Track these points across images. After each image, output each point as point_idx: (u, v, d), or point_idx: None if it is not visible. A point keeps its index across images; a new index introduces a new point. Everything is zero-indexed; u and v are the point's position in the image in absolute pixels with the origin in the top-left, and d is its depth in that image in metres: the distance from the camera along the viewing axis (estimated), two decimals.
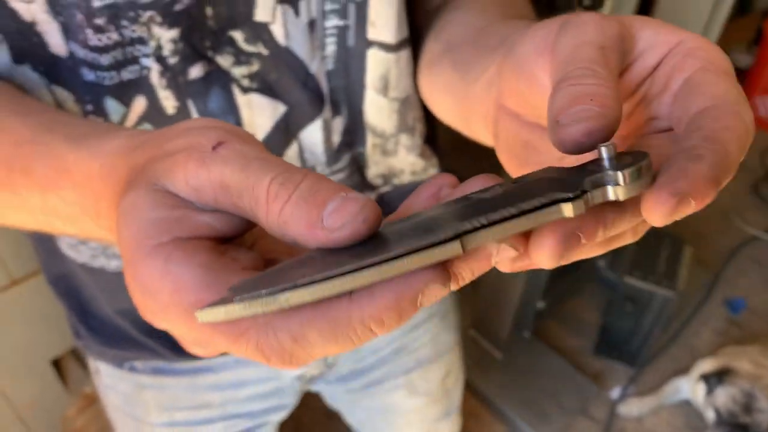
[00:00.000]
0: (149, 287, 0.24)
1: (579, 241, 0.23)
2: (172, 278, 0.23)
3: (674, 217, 0.22)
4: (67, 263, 0.57)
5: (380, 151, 0.54)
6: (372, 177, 0.56)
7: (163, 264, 0.23)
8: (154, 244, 0.24)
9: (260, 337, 0.23)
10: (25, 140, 0.33)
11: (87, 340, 0.63)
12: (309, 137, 0.49)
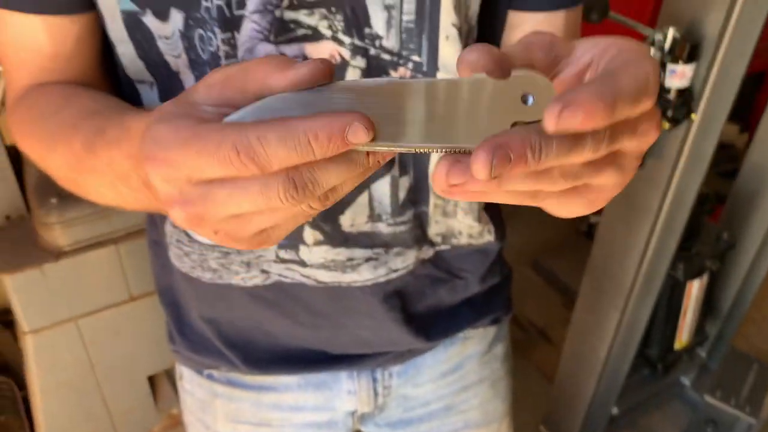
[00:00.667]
0: (157, 136, 0.32)
1: (508, 156, 0.28)
2: (176, 127, 0.31)
3: (564, 127, 0.27)
4: (173, 273, 0.69)
5: (441, 212, 0.63)
6: (432, 235, 0.64)
7: (174, 115, 0.32)
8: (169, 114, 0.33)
9: (239, 140, 0.29)
10: (101, 112, 0.46)
11: (179, 345, 0.74)
12: (378, 190, 0.59)
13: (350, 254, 0.62)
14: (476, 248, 0.70)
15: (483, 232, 0.68)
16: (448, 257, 0.67)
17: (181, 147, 0.30)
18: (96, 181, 0.46)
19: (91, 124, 0.46)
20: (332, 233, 0.60)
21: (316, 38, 0.52)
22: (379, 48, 0.53)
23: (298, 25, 0.51)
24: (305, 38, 0.52)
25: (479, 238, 0.68)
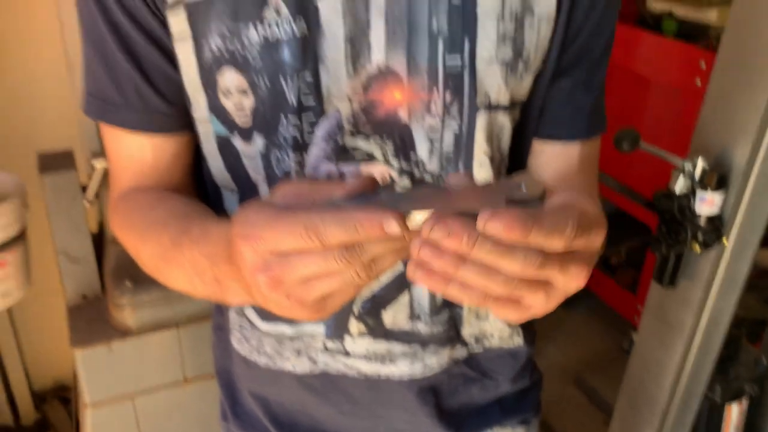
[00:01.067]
0: (248, 218, 0.42)
1: (447, 229, 0.38)
2: (262, 211, 0.42)
3: (489, 229, 0.37)
4: (232, 356, 0.77)
5: (474, 315, 0.70)
6: (466, 335, 0.72)
7: (260, 207, 0.43)
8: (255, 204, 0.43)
9: (308, 222, 0.39)
10: (188, 215, 0.57)
11: (231, 422, 0.82)
12: (418, 291, 0.67)
13: (389, 348, 0.69)
14: (507, 351, 0.76)
15: (513, 335, 0.75)
16: (481, 358, 0.74)
17: (265, 226, 0.41)
18: (176, 272, 0.57)
19: (178, 224, 0.57)
20: (375, 327, 0.68)
21: (369, 161, 0.62)
22: (423, 171, 0.63)
23: (356, 149, 0.62)
24: (360, 161, 0.62)
25: (509, 341, 0.75)
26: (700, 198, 1.09)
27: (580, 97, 0.68)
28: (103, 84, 0.62)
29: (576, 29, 0.64)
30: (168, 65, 0.61)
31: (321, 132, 0.61)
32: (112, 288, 1.31)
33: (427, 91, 0.61)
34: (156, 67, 0.61)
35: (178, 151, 0.66)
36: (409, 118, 0.61)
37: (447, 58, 0.60)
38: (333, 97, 0.59)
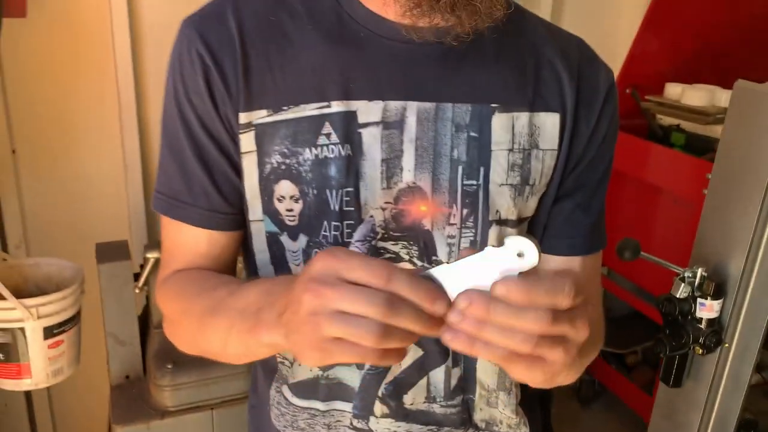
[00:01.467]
0: (311, 266, 0.50)
1: (470, 298, 0.48)
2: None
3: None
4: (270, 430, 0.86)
5: (485, 401, 0.79)
6: (477, 420, 0.81)
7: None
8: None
9: (390, 267, 0.48)
10: (229, 284, 0.68)
11: None
12: (435, 376, 0.77)
13: (409, 428, 0.79)
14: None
15: (520, 424, 0.84)
16: None
17: (351, 253, 0.50)
18: (214, 328, 0.66)
19: (220, 293, 0.68)
20: (396, 408, 0.78)
21: (397, 261, 0.74)
22: None
23: (386, 251, 0.74)
24: (390, 260, 0.74)
25: (516, 429, 0.83)
26: (700, 304, 1.18)
27: (580, 219, 0.79)
28: (175, 185, 0.74)
29: (575, 161, 0.76)
30: (234, 175, 0.73)
31: (358, 235, 0.73)
32: (154, 369, 1.41)
33: (447, 205, 0.73)
34: (224, 175, 0.73)
35: (228, 244, 0.78)
36: (432, 226, 0.73)
37: (465, 180, 0.72)
38: (369, 207, 0.72)
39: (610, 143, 0.79)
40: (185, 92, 0.71)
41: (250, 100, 0.70)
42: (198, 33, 0.71)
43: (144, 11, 1.78)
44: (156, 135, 1.89)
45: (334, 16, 0.72)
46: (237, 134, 0.71)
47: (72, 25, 1.72)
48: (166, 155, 0.75)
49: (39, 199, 1.83)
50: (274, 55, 0.71)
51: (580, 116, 0.75)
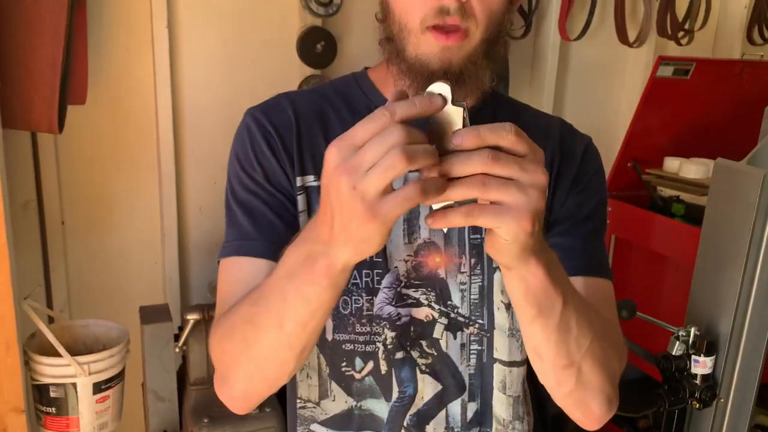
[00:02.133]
0: (326, 162, 0.57)
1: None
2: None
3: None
4: None
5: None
6: None
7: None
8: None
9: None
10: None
11: None
12: (453, 409, 0.89)
13: None
14: None
15: None
16: None
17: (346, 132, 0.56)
18: (267, 314, 0.68)
19: (262, 283, 0.72)
20: None
21: (418, 305, 0.88)
22: (456, 313, 0.88)
23: (408, 296, 0.88)
24: (412, 305, 0.87)
25: None
26: (694, 360, 1.29)
27: (570, 243, 0.88)
28: (243, 228, 0.85)
29: (560, 205, 0.89)
30: (296, 221, 0.86)
31: (385, 282, 0.87)
32: (191, 424, 1.52)
33: (458, 257, 0.88)
34: (287, 217, 0.85)
35: None
36: (446, 275, 0.87)
37: (471, 234, 0.87)
38: (394, 258, 0.86)
39: (594, 188, 0.92)
40: (255, 156, 0.87)
41: (303, 167, 0.87)
42: (264, 115, 0.89)
43: (185, 95, 1.97)
44: (191, 207, 2.06)
45: (365, 107, 0.90)
46: (295, 195, 0.86)
47: (121, 110, 1.91)
48: (236, 212, 0.87)
49: (83, 266, 1.98)
50: (320, 134, 0.88)
51: (562, 172, 0.91)
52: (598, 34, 2.43)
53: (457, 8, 0.75)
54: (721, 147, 2.30)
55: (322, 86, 0.97)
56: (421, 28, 0.77)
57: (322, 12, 1.92)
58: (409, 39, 0.79)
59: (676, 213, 2.23)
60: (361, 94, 0.92)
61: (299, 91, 0.97)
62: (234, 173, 0.89)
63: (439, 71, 0.78)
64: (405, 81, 0.81)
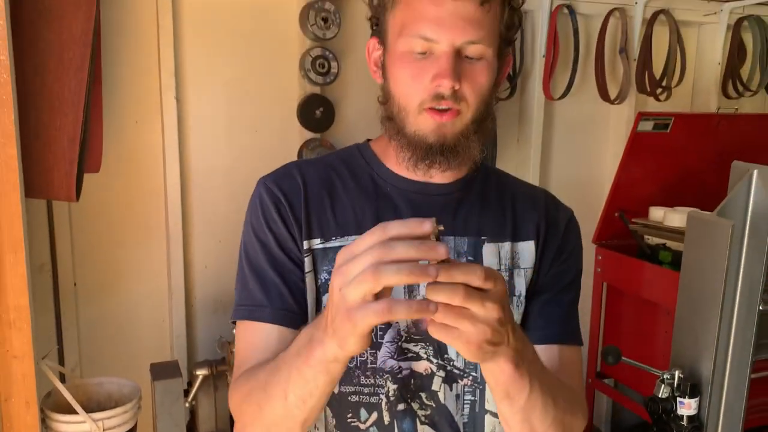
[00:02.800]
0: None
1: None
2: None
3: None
4: None
5: None
6: None
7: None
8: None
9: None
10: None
11: None
12: None
13: None
14: None
15: None
16: None
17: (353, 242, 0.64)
18: (277, 388, 0.77)
19: (279, 355, 0.81)
20: None
21: (418, 359, 0.95)
22: (452, 366, 0.95)
23: (409, 350, 0.95)
24: (412, 358, 0.95)
25: None
26: (679, 402, 1.36)
27: (552, 310, 0.98)
28: (255, 294, 0.94)
29: (545, 271, 0.99)
30: (302, 284, 0.94)
31: (388, 337, 0.95)
32: None
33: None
34: (295, 283, 0.94)
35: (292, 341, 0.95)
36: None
37: None
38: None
39: (574, 260, 1.02)
40: (266, 223, 0.96)
41: (310, 231, 0.96)
42: (275, 183, 0.98)
43: (192, 159, 2.09)
44: (198, 265, 2.15)
45: (368, 177, 1.00)
46: (303, 258, 0.95)
47: (132, 176, 2.02)
48: (248, 275, 0.96)
49: (93, 326, 2.05)
50: (327, 201, 0.97)
51: (548, 241, 1.00)
52: (581, 93, 2.57)
53: (450, 94, 0.86)
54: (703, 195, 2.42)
55: (328, 156, 1.07)
56: (418, 109, 0.88)
57: (320, 81, 2.05)
58: (408, 119, 0.90)
59: (664, 260, 2.33)
60: (365, 163, 1.02)
61: (308, 160, 1.07)
62: (248, 239, 0.99)
63: (435, 144, 0.89)
64: (406, 153, 0.92)
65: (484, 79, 0.89)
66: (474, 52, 0.87)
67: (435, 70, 0.86)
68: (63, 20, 1.46)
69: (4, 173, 1.21)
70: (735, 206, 1.33)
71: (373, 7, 0.96)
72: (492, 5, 0.88)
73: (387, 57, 0.93)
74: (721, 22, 2.71)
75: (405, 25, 0.88)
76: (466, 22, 0.86)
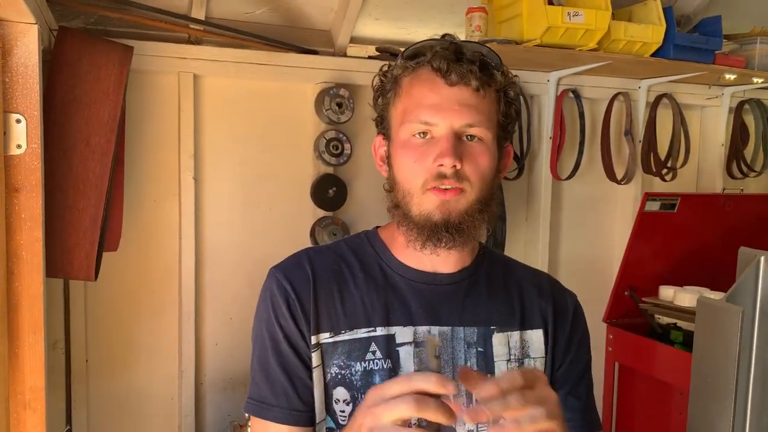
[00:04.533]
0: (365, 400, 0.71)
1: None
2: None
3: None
4: None
5: None
6: None
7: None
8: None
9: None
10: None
11: None
12: None
13: None
14: None
15: None
16: None
17: (382, 385, 0.71)
18: None
19: None
20: None
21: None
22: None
23: None
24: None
25: None
26: None
27: (573, 403, 1.01)
28: (263, 392, 0.97)
29: (559, 362, 1.01)
30: (309, 380, 0.96)
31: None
32: None
33: (467, 406, 0.96)
34: (301, 380, 0.96)
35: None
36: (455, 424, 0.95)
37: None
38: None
39: (584, 346, 1.05)
40: (275, 317, 0.98)
41: (318, 325, 0.97)
42: (284, 275, 1.00)
43: (206, 237, 2.13)
44: (208, 343, 2.15)
45: (377, 267, 1.02)
46: (310, 353, 0.96)
47: (148, 254, 2.06)
48: (257, 369, 0.99)
49: (103, 404, 2.04)
50: (336, 293, 0.99)
51: (557, 329, 1.03)
52: (588, 173, 2.63)
53: (453, 173, 0.90)
54: (712, 274, 2.43)
55: (337, 243, 1.10)
56: (422, 190, 0.92)
57: (334, 162, 2.12)
58: (413, 201, 0.94)
59: (675, 340, 2.31)
60: (373, 252, 1.04)
61: (318, 249, 1.09)
62: (258, 332, 1.01)
63: (440, 222, 0.93)
64: (412, 235, 0.95)
65: (485, 160, 0.93)
66: (473, 135, 0.93)
67: (436, 151, 0.91)
68: (92, 108, 1.53)
69: (28, 255, 1.25)
70: (744, 292, 1.35)
71: (378, 106, 1.03)
72: (487, 93, 0.94)
73: (391, 147, 0.99)
74: (723, 105, 2.79)
75: (406, 112, 0.95)
76: (463, 107, 0.92)
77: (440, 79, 0.92)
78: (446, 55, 0.92)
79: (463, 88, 0.92)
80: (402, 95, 0.97)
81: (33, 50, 1.20)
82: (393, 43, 2.35)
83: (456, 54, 0.92)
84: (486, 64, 0.94)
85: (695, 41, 2.30)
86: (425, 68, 0.94)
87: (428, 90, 0.93)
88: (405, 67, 0.96)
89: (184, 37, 2.03)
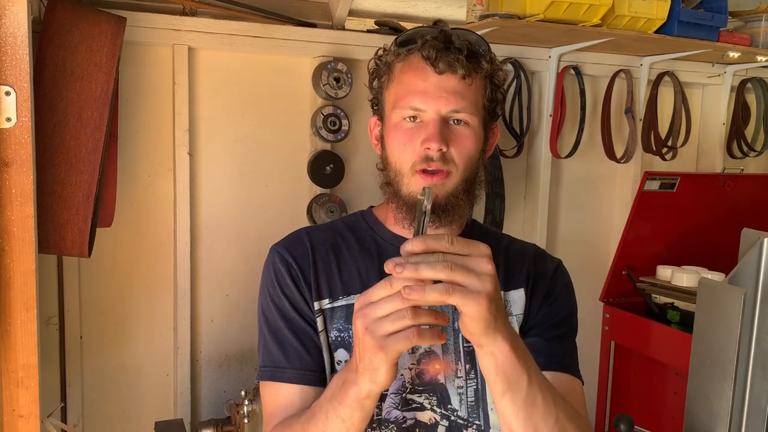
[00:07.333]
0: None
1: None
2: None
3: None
4: None
5: None
6: None
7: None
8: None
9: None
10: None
11: None
12: None
13: None
14: None
15: None
16: None
17: (367, 291, 0.74)
18: (315, 429, 0.86)
19: (314, 402, 0.90)
20: None
21: (422, 409, 0.98)
22: (456, 416, 0.97)
23: (413, 401, 0.99)
24: (416, 409, 0.98)
25: None
26: None
27: (540, 344, 1.01)
28: (275, 356, 1.00)
29: (534, 313, 1.04)
30: (319, 343, 1.00)
31: (392, 388, 0.98)
32: None
33: (454, 363, 0.99)
34: (311, 341, 1.00)
35: (314, 397, 0.98)
36: (445, 380, 0.99)
37: (464, 343, 1.00)
38: (400, 367, 0.96)
39: (564, 300, 1.08)
40: (280, 288, 1.03)
41: (320, 292, 1.03)
42: (286, 249, 1.07)
43: (202, 213, 2.10)
44: (204, 319, 2.14)
45: (371, 239, 1.09)
46: (315, 318, 1.01)
47: (143, 230, 2.04)
48: (268, 338, 1.02)
49: (98, 381, 2.03)
50: (334, 263, 1.05)
51: (536, 287, 1.07)
52: (588, 152, 2.60)
53: (439, 156, 0.96)
54: (710, 254, 2.42)
55: (334, 222, 1.16)
56: (411, 171, 0.98)
57: (331, 138, 2.09)
58: (402, 181, 1.00)
59: (672, 320, 2.31)
60: (367, 227, 1.11)
61: (316, 227, 1.15)
62: (265, 304, 1.06)
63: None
64: (402, 213, 1.02)
65: (470, 144, 0.99)
66: (459, 120, 0.98)
67: (424, 135, 0.97)
68: (84, 80, 1.49)
69: (20, 231, 1.22)
70: (746, 274, 1.33)
71: (373, 89, 1.10)
72: (474, 79, 1.00)
73: (384, 129, 1.05)
74: (725, 83, 2.76)
75: (398, 98, 1.01)
76: (450, 94, 0.98)
77: (429, 67, 0.97)
78: (435, 44, 0.97)
79: (451, 75, 0.97)
80: (394, 80, 1.03)
81: (22, 19, 1.16)
82: (392, 17, 2.30)
83: (445, 43, 0.97)
84: (474, 52, 0.99)
85: (700, 18, 2.26)
86: (416, 56, 0.99)
87: (418, 77, 0.98)
88: (397, 54, 1.02)
89: (179, 9, 1.98)
